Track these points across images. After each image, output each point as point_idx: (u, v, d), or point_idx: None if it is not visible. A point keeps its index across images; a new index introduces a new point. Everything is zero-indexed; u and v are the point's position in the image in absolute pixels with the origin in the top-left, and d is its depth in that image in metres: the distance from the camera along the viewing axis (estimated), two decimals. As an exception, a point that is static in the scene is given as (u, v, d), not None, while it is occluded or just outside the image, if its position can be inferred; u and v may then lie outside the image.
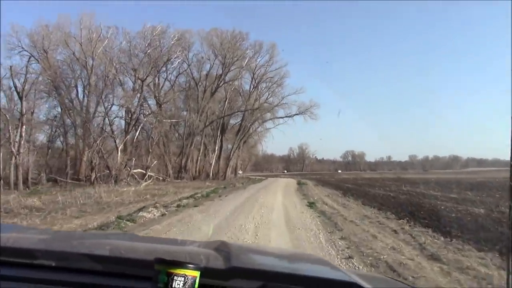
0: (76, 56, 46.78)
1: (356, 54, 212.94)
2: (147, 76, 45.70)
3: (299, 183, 47.44)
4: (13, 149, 33.66)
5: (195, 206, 18.37)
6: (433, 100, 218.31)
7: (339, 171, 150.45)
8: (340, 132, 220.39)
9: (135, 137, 49.09)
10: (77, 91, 48.18)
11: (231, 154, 61.35)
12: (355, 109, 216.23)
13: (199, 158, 56.86)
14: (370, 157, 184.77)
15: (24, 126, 34.21)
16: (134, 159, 42.76)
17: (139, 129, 48.74)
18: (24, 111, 34.24)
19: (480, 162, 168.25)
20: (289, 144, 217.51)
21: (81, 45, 46.26)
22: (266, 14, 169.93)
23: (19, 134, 34.88)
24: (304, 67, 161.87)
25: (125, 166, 42.16)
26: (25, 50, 46.45)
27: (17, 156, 33.65)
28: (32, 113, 41.43)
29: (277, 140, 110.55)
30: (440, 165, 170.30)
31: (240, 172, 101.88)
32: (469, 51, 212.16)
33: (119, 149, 42.19)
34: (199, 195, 24.71)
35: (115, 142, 42.35)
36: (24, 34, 46.35)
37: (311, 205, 20.10)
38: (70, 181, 43.44)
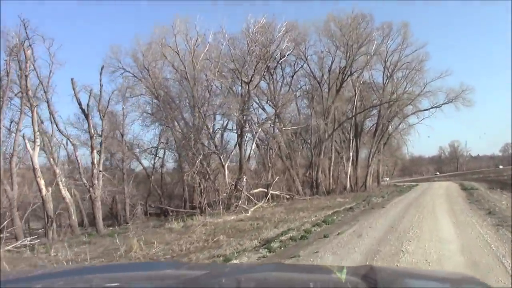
0: (175, 67, 38.48)
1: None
2: (252, 77, 35.35)
3: (463, 188, 33.34)
4: (84, 181, 25.01)
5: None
6: None
7: (500, 166, 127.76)
8: (496, 123, 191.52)
9: (250, 151, 39.20)
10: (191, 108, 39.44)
11: (370, 160, 48.39)
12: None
13: (331, 168, 44.97)
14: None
15: (94, 151, 25.47)
16: (244, 177, 32.45)
17: (254, 141, 38.64)
18: (92, 132, 25.50)
19: None
20: (438, 142, 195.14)
21: (178, 54, 37.74)
22: None
23: (95, 162, 26.16)
24: (445, 46, 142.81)
25: (235, 187, 32.23)
26: (127, 71, 39.92)
27: (91, 189, 24.90)
28: (122, 135, 33.49)
29: (424, 139, 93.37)
30: None
31: (387, 179, 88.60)
32: None
33: (225, 167, 32.29)
34: (294, 232, 13.43)
35: (220, 159, 32.59)
36: (123, 54, 40.68)
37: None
38: (183, 210, 35.15)
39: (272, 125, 40.47)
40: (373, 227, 13.45)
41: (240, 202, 30.75)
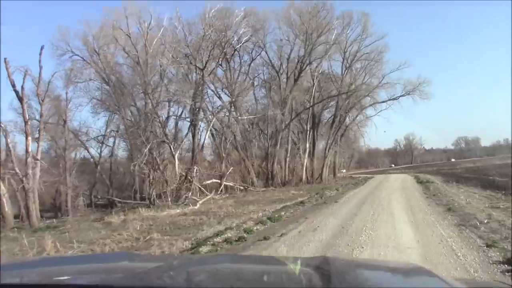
0: (127, 52, 36.12)
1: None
2: (207, 63, 33.38)
3: (419, 181, 32.31)
4: (17, 170, 22.59)
5: None
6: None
7: (453, 159, 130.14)
8: (449, 118, 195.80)
9: (203, 141, 37.36)
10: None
11: (326, 151, 47.25)
12: (465, 88, 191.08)
13: (287, 159, 43.50)
14: (485, 142, 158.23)
15: (29, 138, 23.01)
16: (196, 168, 30.56)
17: (208, 130, 36.87)
18: (26, 117, 23.01)
19: None
20: (394, 135, 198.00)
21: (130, 37, 35.46)
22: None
23: (30, 150, 23.69)
24: (405, 39, 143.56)
25: (185, 178, 30.34)
26: (76, 55, 37.12)
27: (24, 179, 22.50)
28: (65, 121, 30.99)
29: (381, 132, 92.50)
30: None
31: (344, 171, 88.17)
32: None
33: (175, 156, 30.28)
34: (233, 232, 11.74)
35: (171, 148, 30.51)
36: (71, 36, 37.74)
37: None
38: (131, 202, 33.04)
39: (227, 114, 38.59)
40: (322, 227, 11.70)
41: (191, 193, 28.96)
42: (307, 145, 45.16)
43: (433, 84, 60.09)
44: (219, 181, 34.85)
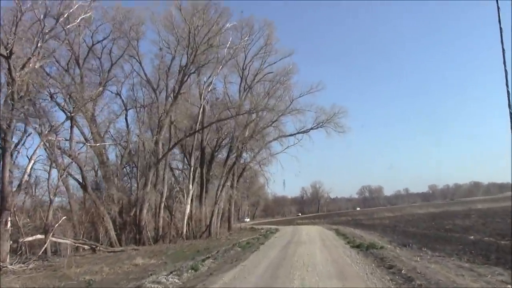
0: None
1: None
2: (12, 48, 19.34)
3: (353, 244, 17.68)
4: None
5: None
6: (450, 126, 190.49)
7: (358, 208, 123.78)
8: (354, 167, 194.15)
9: (23, 175, 22.78)
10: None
11: (217, 195, 33.41)
12: (370, 141, 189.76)
13: (161, 205, 29.44)
14: (387, 191, 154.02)
15: None
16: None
17: (32, 159, 22.25)
18: None
19: (502, 187, 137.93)
20: (301, 183, 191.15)
21: None
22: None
23: None
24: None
25: None
26: None
27: None
28: None
29: (289, 176, 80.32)
30: (462, 192, 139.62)
31: (247, 220, 75.85)
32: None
33: None
34: None
35: None
36: None
37: None
38: None
39: (63, 138, 24.12)
40: None
41: None
42: (191, 187, 31.15)
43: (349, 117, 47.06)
44: (43, 237, 20.98)
